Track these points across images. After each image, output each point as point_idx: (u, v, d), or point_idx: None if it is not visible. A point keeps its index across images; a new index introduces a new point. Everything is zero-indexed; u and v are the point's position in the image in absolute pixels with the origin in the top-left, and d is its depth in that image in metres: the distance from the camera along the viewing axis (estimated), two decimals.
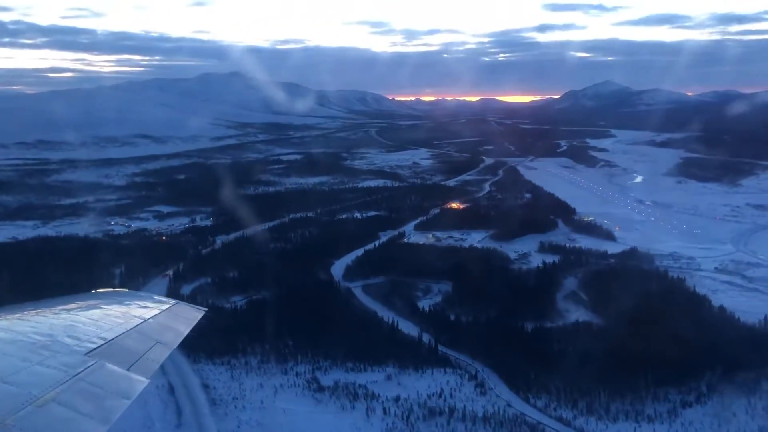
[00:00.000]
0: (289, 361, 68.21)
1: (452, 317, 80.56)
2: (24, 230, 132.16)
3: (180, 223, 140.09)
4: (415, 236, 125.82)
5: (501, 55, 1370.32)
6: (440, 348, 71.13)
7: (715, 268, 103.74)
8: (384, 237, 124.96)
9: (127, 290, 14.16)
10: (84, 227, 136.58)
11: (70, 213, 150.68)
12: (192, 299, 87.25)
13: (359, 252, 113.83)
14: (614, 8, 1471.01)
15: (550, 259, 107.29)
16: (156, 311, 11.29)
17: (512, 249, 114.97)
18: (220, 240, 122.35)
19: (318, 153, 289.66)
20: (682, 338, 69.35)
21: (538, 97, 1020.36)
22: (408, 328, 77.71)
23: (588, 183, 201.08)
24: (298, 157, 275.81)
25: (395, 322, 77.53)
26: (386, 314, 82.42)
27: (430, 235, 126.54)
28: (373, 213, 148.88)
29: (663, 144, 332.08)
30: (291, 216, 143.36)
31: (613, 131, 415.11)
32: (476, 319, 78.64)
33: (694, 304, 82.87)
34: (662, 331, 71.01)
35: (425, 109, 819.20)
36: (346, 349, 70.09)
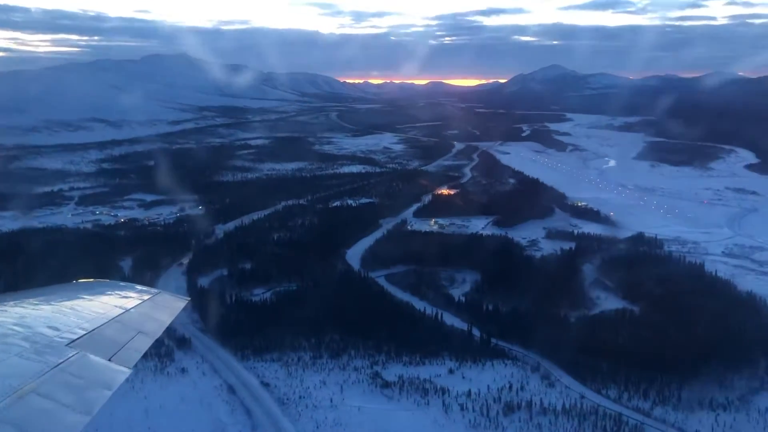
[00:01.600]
0: (343, 356, 66.44)
1: (490, 307, 79.73)
2: (4, 221, 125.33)
3: (169, 212, 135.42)
4: (417, 223, 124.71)
5: (448, 38, 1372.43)
6: (491, 340, 70.22)
7: (722, 252, 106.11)
8: (386, 224, 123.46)
9: (108, 280, 13.86)
10: (68, 217, 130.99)
11: (47, 202, 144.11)
12: (213, 292, 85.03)
13: (368, 240, 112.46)
14: None
15: (560, 246, 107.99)
16: (138, 301, 11.17)
17: (519, 236, 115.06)
18: (219, 230, 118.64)
19: (284, 138, 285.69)
20: (725, 324, 70.64)
21: (484, 81, 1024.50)
22: (450, 319, 76.81)
23: (565, 167, 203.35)
24: (266, 142, 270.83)
25: (438, 314, 76.21)
26: (422, 305, 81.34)
27: (433, 222, 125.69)
28: (366, 200, 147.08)
29: (622, 128, 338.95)
30: (283, 204, 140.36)
31: (569, 115, 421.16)
32: (515, 309, 78.06)
33: (721, 289, 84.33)
34: (702, 317, 72.18)
35: (376, 92, 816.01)
36: (397, 343, 68.76)
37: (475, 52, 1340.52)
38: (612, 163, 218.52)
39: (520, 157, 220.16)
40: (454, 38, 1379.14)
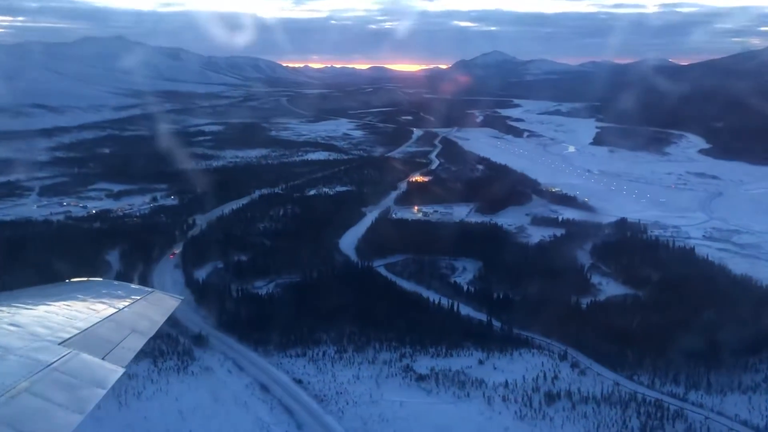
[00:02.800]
0: (367, 350, 65.55)
1: (499, 295, 79.92)
2: None
3: (141, 202, 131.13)
4: (401, 212, 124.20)
5: (388, 23, 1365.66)
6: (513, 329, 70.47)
7: (703, 236, 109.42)
8: (370, 213, 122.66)
9: (101, 279, 13.82)
10: (33, 209, 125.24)
11: (8, 193, 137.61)
12: (215, 286, 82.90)
13: (358, 229, 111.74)
14: None
15: (547, 232, 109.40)
16: (131, 300, 11.13)
17: (504, 222, 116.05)
18: (200, 220, 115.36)
19: (238, 124, 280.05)
20: (733, 308, 72.66)
21: (425, 66, 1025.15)
22: (463, 309, 76.63)
23: (527, 153, 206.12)
24: (220, 128, 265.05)
25: (453, 305, 75.87)
26: (429, 295, 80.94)
27: (416, 210, 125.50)
28: (342, 188, 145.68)
29: (570, 114, 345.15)
30: (258, 193, 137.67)
31: (516, 101, 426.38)
32: (525, 298, 78.47)
33: (717, 273, 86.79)
34: (710, 302, 74.04)
35: (319, 76, 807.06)
36: (419, 335, 68.29)
37: (416, 37, 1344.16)
38: (571, 149, 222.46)
39: (482, 144, 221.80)
40: (395, 23, 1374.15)
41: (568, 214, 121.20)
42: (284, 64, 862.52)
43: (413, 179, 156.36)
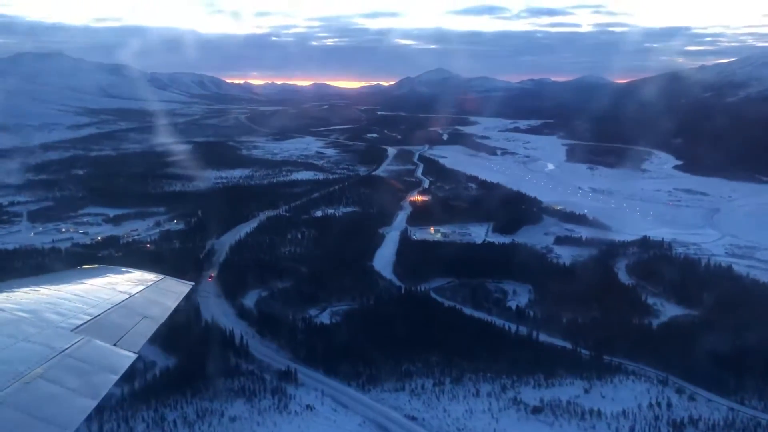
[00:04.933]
0: (464, 381, 63.25)
1: (567, 320, 78.89)
2: None
3: (145, 227, 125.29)
4: (418, 232, 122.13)
5: (330, 40, 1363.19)
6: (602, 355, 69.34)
7: (726, 253, 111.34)
8: (388, 234, 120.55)
9: (112, 266, 13.86)
10: (30, 236, 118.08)
11: None
12: (269, 316, 79.86)
13: (386, 251, 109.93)
14: None
15: (576, 252, 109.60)
16: (142, 286, 11.25)
17: (527, 242, 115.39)
18: (217, 245, 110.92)
19: (205, 143, 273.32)
20: None
21: (366, 83, 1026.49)
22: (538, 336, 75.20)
23: (512, 171, 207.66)
24: (188, 147, 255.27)
25: (533, 333, 74.24)
26: (494, 320, 79.34)
27: (433, 230, 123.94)
28: (346, 209, 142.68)
29: (531, 131, 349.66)
30: (263, 215, 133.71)
31: (472, 118, 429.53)
32: (594, 321, 77.81)
33: (763, 289, 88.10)
34: None
35: (265, 93, 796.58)
36: (509, 363, 66.48)
37: (357, 55, 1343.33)
38: (551, 166, 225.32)
39: (462, 162, 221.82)
40: (336, 40, 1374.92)
41: (585, 232, 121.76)
42: (229, 81, 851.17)
43: (414, 199, 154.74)
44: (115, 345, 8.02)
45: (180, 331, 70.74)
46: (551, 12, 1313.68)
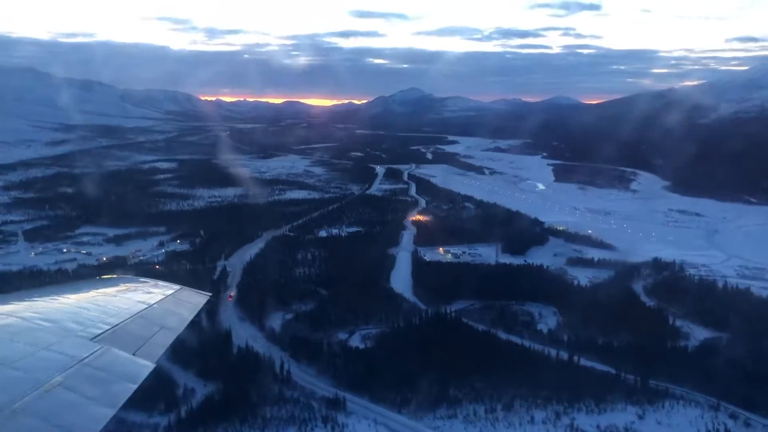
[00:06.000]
0: (517, 408, 62.23)
1: (599, 342, 78.37)
2: None
3: (149, 247, 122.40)
4: (429, 253, 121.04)
5: (303, 58, 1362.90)
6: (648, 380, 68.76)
7: (737, 274, 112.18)
8: (399, 255, 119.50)
9: (130, 276, 14.44)
10: (31, 257, 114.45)
11: None
12: (299, 339, 77.86)
13: (401, 272, 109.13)
14: (415, 17, 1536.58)
15: (590, 273, 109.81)
16: (160, 296, 11.38)
17: (539, 262, 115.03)
18: (230, 267, 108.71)
19: (189, 160, 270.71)
20: None
21: (338, 101, 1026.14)
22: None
23: (503, 190, 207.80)
24: (173, 165, 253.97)
25: (573, 357, 73.37)
26: (525, 343, 78.44)
27: (442, 251, 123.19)
28: (350, 229, 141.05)
29: (511, 151, 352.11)
30: (268, 235, 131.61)
31: (451, 138, 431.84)
32: (630, 344, 77.32)
33: None
34: None
35: (238, 110, 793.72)
36: (556, 388, 65.55)
37: (330, 73, 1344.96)
38: (541, 186, 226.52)
39: (452, 181, 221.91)
40: (309, 58, 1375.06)
41: (594, 253, 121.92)
42: (203, 98, 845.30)
43: (415, 218, 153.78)
44: (133, 354, 8.07)
45: (215, 356, 68.85)
46: (522, 34, 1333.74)
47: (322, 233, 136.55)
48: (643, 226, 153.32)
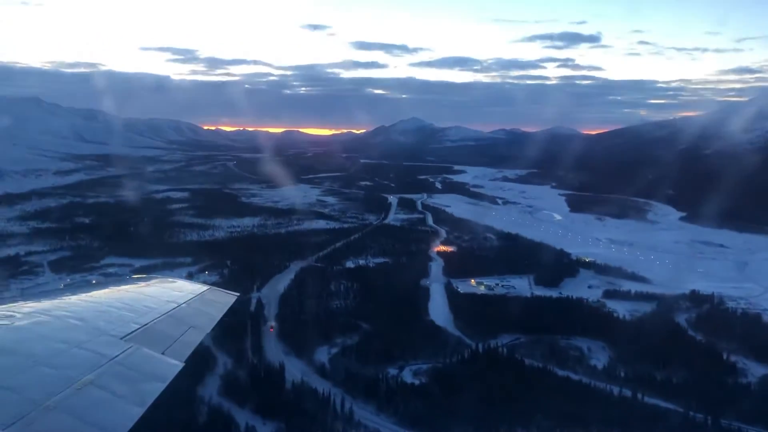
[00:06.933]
0: None
1: (658, 378, 76.69)
2: None
3: (177, 278, 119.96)
4: (461, 285, 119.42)
5: (304, 88, 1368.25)
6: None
7: None
8: (432, 287, 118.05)
9: (160, 276, 14.77)
10: (60, 289, 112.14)
11: (17, 271, 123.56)
12: (355, 376, 75.58)
13: (437, 305, 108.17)
14: (415, 50, 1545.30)
15: (629, 306, 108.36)
16: (189, 296, 11.47)
17: (574, 295, 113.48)
18: (265, 299, 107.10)
19: (200, 190, 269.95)
20: None
21: (338, 131, 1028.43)
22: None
23: (521, 221, 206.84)
24: (185, 194, 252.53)
25: (637, 395, 71.50)
26: (584, 379, 76.71)
27: (474, 283, 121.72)
28: (376, 260, 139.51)
29: (520, 180, 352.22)
30: (296, 266, 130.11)
31: (457, 167, 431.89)
32: (689, 380, 75.63)
33: None
34: None
35: (240, 139, 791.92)
36: (628, 428, 63.74)
37: (330, 103, 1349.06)
38: (558, 216, 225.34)
39: (467, 210, 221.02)
40: (309, 88, 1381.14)
41: (629, 285, 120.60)
42: (206, 128, 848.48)
43: (440, 249, 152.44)
44: (163, 353, 8.14)
45: (270, 392, 67.02)
46: (521, 65, 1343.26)
47: (350, 264, 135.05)
48: (670, 257, 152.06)
